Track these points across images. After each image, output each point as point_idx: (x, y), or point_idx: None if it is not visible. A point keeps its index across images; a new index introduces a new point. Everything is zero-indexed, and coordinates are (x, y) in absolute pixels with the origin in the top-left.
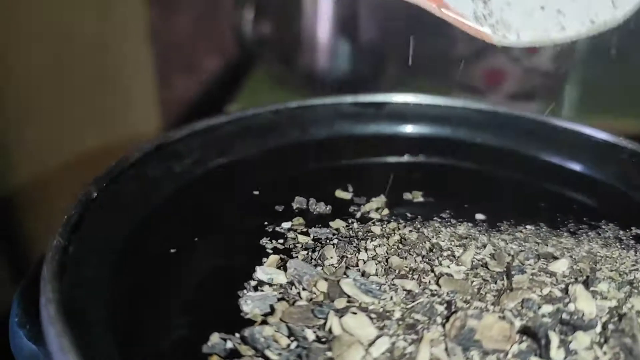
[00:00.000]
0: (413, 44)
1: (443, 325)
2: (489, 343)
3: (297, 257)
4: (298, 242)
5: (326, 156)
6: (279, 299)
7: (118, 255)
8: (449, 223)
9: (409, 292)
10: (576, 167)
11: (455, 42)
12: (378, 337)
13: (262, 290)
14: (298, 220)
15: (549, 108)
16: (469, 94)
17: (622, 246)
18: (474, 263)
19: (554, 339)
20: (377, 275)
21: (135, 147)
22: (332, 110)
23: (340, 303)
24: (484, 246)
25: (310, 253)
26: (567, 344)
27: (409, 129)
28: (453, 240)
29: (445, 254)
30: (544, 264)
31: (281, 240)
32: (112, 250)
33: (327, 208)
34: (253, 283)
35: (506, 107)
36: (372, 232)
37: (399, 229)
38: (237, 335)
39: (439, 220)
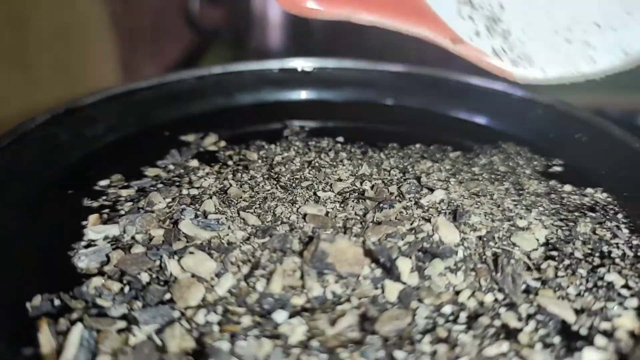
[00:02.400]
0: None
1: (300, 254)
2: (342, 267)
3: (122, 209)
4: (120, 197)
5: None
6: (114, 249)
7: (15, 212)
8: (311, 140)
9: (255, 224)
10: (483, 120)
11: None
12: (221, 272)
13: (95, 245)
14: (117, 176)
15: None
16: None
17: (521, 159)
18: (345, 190)
19: (403, 263)
20: (217, 212)
21: (45, 110)
22: (258, 76)
23: (179, 245)
24: (359, 162)
25: (135, 203)
26: (422, 270)
27: (334, 94)
28: (313, 154)
29: (305, 171)
30: (418, 196)
31: (104, 197)
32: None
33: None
34: (84, 243)
35: (429, 69)
36: (191, 166)
37: (238, 153)
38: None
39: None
